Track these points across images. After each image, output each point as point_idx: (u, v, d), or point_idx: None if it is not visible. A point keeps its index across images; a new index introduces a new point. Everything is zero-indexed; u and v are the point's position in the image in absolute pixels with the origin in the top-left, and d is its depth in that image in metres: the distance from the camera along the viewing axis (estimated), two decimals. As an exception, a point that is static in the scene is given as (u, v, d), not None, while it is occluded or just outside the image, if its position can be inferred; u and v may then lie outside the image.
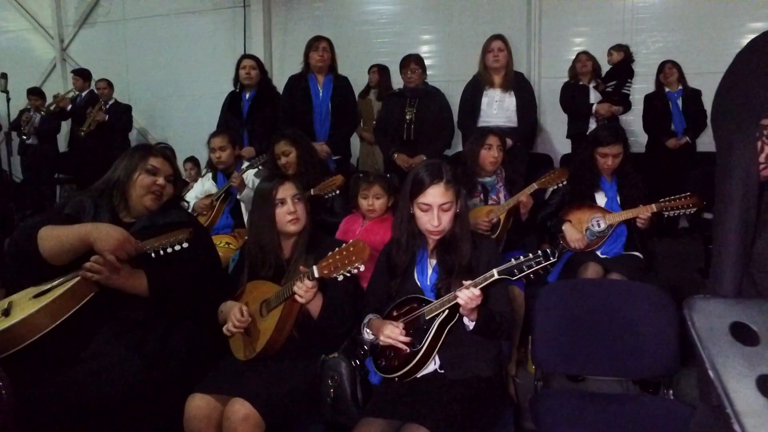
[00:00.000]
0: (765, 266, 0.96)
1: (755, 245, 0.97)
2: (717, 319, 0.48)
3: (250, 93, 3.59)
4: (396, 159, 3.33)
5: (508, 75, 3.23)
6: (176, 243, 1.65)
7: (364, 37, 5.83)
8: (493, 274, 1.46)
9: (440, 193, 1.59)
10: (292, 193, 1.79)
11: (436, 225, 1.60)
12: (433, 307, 1.56)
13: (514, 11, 5.32)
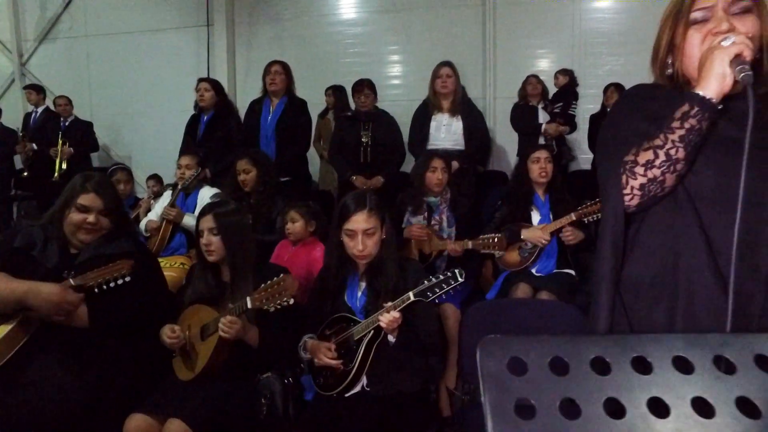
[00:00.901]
0: (634, 288, 1.07)
1: (624, 269, 1.09)
2: (499, 355, 0.59)
3: (207, 115, 3.68)
4: (354, 181, 3.45)
5: (455, 100, 3.39)
6: (119, 277, 1.68)
7: (329, 57, 5.94)
8: (409, 296, 1.59)
9: (364, 219, 1.72)
10: (208, 226, 1.86)
11: (360, 250, 1.72)
12: (360, 328, 1.67)
13: (470, 35, 5.54)
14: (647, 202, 1.00)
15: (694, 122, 0.93)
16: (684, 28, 1.02)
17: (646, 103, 1.06)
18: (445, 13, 5.61)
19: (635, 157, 0.99)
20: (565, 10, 5.35)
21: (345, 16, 5.99)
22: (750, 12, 0.99)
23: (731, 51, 0.91)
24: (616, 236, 1.05)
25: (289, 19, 6.07)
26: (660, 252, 1.02)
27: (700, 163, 0.96)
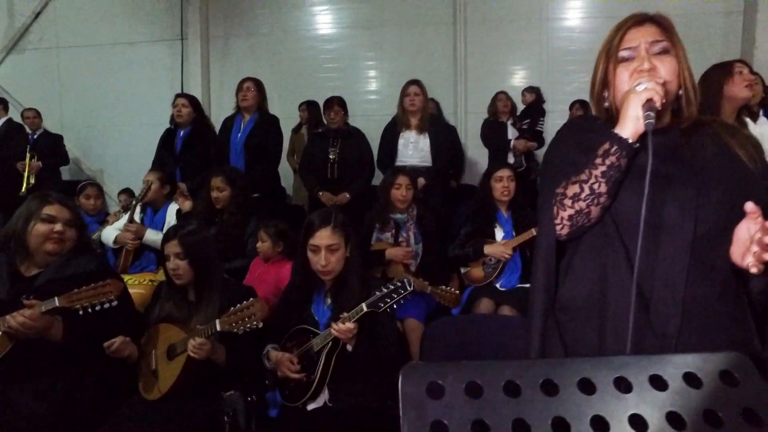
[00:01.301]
0: (567, 310, 1.14)
1: (558, 292, 1.16)
2: (419, 380, 0.65)
3: (184, 130, 3.70)
4: (321, 197, 3.49)
5: (423, 118, 3.48)
6: (106, 301, 1.65)
7: (304, 72, 6.00)
8: (362, 307, 1.65)
9: (327, 235, 1.78)
10: (175, 251, 1.89)
11: (323, 265, 1.78)
12: (319, 339, 1.73)
13: (442, 52, 5.67)
14: (576, 231, 1.08)
15: (614, 159, 1.02)
16: (614, 65, 1.12)
17: (582, 135, 1.14)
18: (417, 30, 5.74)
19: (564, 190, 1.07)
20: (533, 29, 5.53)
21: (320, 31, 6.06)
22: (668, 52, 1.08)
23: (643, 96, 1.00)
24: (549, 263, 1.13)
25: (265, 34, 6.12)
26: (591, 276, 1.09)
27: (627, 194, 1.04)
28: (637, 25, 1.11)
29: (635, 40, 1.09)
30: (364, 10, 5.87)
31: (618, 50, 1.11)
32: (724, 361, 0.74)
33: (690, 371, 0.72)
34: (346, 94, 5.45)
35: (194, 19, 6.05)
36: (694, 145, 1.08)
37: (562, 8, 5.59)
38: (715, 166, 1.04)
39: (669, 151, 1.06)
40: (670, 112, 1.12)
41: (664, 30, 1.10)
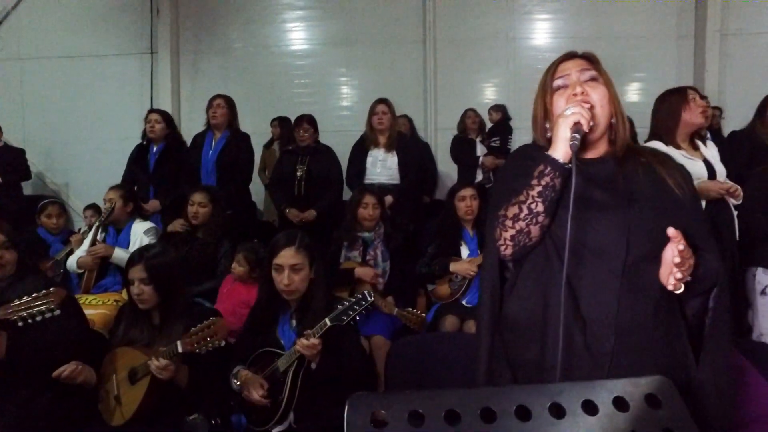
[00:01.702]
0: (512, 328, 1.19)
1: (503, 311, 1.21)
2: (364, 410, 0.68)
3: (157, 146, 3.67)
4: (288, 214, 3.50)
5: (391, 136, 3.54)
6: (47, 311, 1.60)
7: (276, 87, 6.00)
8: (325, 322, 1.68)
9: (291, 255, 1.81)
10: (140, 276, 1.87)
11: (286, 284, 1.80)
12: (284, 360, 1.75)
13: (412, 69, 5.78)
14: (519, 251, 1.14)
15: (548, 180, 1.09)
16: (551, 95, 1.21)
17: (526, 162, 1.21)
18: (388, 48, 5.83)
19: (505, 212, 1.13)
20: (501, 48, 5.70)
21: (292, 47, 6.10)
22: (596, 80, 1.18)
23: (570, 120, 1.08)
24: (494, 283, 1.19)
25: (236, 49, 6.12)
26: (533, 296, 1.15)
27: (565, 218, 1.11)
28: (567, 59, 1.21)
29: (567, 70, 1.19)
30: (336, 27, 5.95)
31: (552, 81, 1.20)
32: (650, 385, 0.80)
33: (619, 395, 0.78)
34: (318, 109, 5.52)
35: (164, 33, 6.00)
36: (628, 173, 1.16)
37: (528, 28, 5.78)
38: (647, 194, 1.12)
39: (605, 179, 1.14)
40: (606, 142, 1.20)
41: (591, 63, 1.20)
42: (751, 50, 5.45)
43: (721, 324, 1.12)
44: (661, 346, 1.11)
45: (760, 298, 2.42)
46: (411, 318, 2.54)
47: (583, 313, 1.10)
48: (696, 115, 2.43)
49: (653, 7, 5.59)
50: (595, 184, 1.14)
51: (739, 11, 5.44)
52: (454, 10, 5.69)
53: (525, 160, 1.22)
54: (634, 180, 1.15)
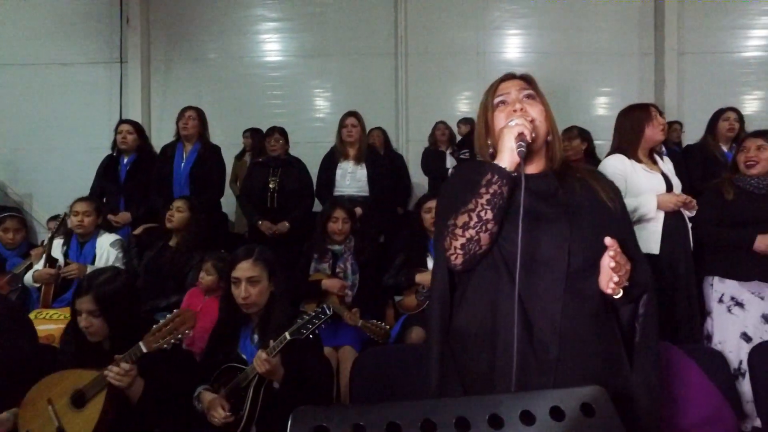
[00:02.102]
0: (461, 339, 1.23)
1: (453, 323, 1.24)
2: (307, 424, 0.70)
3: (128, 158, 3.62)
4: (260, 226, 3.50)
5: (360, 148, 3.57)
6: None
7: (249, 98, 5.98)
8: (285, 336, 1.68)
9: (248, 267, 1.82)
10: (88, 308, 1.72)
11: (244, 297, 1.80)
12: (245, 374, 1.74)
13: (384, 81, 5.85)
14: (469, 260, 1.18)
15: (496, 188, 1.14)
16: (492, 112, 1.27)
17: (470, 175, 1.26)
18: (360, 60, 5.90)
19: (455, 221, 1.17)
20: (471, 62, 5.82)
21: (266, 59, 6.10)
22: (534, 98, 1.26)
23: (514, 130, 1.15)
24: (443, 295, 1.23)
25: (210, 59, 6.08)
26: (482, 307, 1.19)
27: (510, 230, 1.16)
28: (507, 79, 1.30)
29: (507, 89, 1.27)
30: (310, 39, 5.99)
31: (493, 99, 1.28)
32: (585, 395, 0.84)
33: (556, 405, 0.82)
34: (290, 121, 5.55)
35: (135, 42, 5.94)
36: (566, 187, 1.23)
37: (498, 43, 5.92)
38: (584, 206, 1.20)
39: (545, 192, 1.20)
40: (544, 158, 1.27)
41: (528, 83, 1.29)
42: (706, 69, 5.72)
43: (650, 329, 1.20)
44: (600, 351, 1.17)
45: (717, 306, 2.51)
46: (375, 330, 2.56)
47: (530, 322, 1.14)
48: (657, 132, 2.55)
49: (617, 25, 5.81)
50: (537, 197, 1.19)
51: (693, 32, 5.70)
52: (425, 24, 5.80)
53: (469, 174, 1.27)
54: (572, 193, 1.22)
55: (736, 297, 2.46)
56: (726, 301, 2.48)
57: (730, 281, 2.48)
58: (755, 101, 5.72)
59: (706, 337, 2.55)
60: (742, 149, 2.56)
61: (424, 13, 5.80)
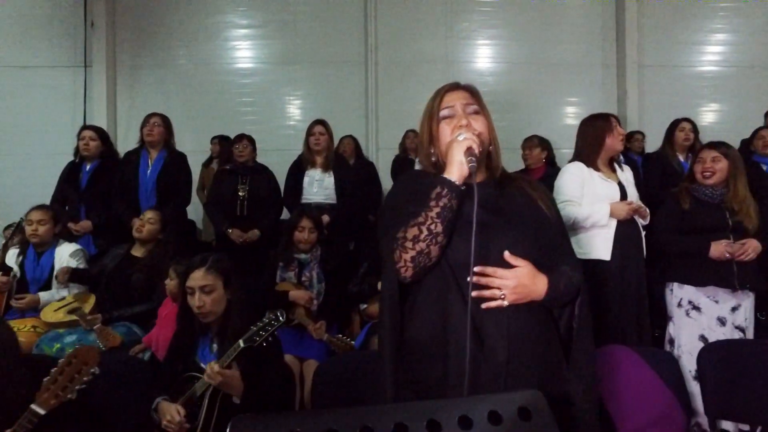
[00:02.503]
0: (414, 349, 1.24)
1: (406, 333, 1.25)
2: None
3: (90, 164, 3.54)
4: (230, 234, 3.46)
5: (328, 156, 3.58)
6: None
7: (219, 105, 5.92)
8: (239, 344, 1.67)
9: (201, 276, 1.81)
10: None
11: (198, 306, 1.79)
12: (201, 383, 1.72)
13: (354, 89, 5.88)
14: (419, 272, 1.20)
15: (445, 201, 1.16)
16: (437, 123, 1.30)
17: (415, 186, 1.28)
18: (331, 68, 5.92)
19: (404, 233, 1.18)
20: (440, 71, 5.88)
21: (236, 65, 6.05)
22: (479, 113, 1.29)
23: (464, 145, 1.18)
24: (394, 305, 1.24)
25: (179, 65, 6.00)
26: (433, 317, 1.21)
27: (457, 240, 1.18)
28: (452, 90, 1.32)
29: (452, 102, 1.29)
30: (280, 46, 5.98)
31: (439, 111, 1.30)
32: (522, 399, 0.86)
33: (493, 409, 0.84)
34: (261, 128, 5.52)
35: (100, 45, 5.81)
36: (507, 196, 1.27)
37: (467, 53, 6.02)
38: (524, 214, 1.24)
39: (488, 201, 1.23)
40: (485, 168, 1.30)
41: (473, 95, 1.32)
42: (665, 81, 5.93)
43: (585, 330, 1.25)
44: (544, 353, 1.21)
45: (677, 310, 2.59)
46: (340, 345, 2.57)
47: (480, 328, 1.17)
48: (617, 142, 2.63)
49: (581, 36, 5.98)
50: (480, 206, 1.22)
51: (653, 46, 5.92)
52: (395, 33, 5.86)
53: (415, 183, 1.30)
54: (512, 202, 1.26)
55: (694, 301, 2.55)
56: (685, 305, 2.56)
57: (688, 287, 2.56)
58: (710, 113, 5.97)
59: (669, 341, 2.63)
60: (698, 160, 2.63)
61: (394, 23, 5.87)
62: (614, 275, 2.50)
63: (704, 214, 2.55)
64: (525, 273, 1.17)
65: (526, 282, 1.16)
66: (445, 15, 5.92)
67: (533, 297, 1.19)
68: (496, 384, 1.15)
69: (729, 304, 2.51)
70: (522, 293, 1.17)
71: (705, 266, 2.49)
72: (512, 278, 1.16)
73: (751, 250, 2.42)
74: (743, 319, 2.52)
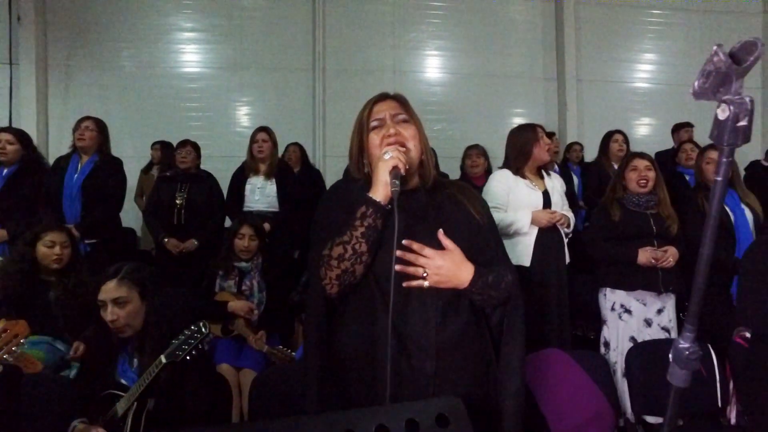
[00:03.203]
0: (342, 363, 1.23)
1: (333, 347, 1.24)
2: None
3: (8, 169, 3.30)
4: (166, 244, 3.33)
5: (271, 164, 3.52)
6: None
7: (162, 110, 5.71)
8: (161, 360, 1.58)
9: (112, 288, 1.71)
10: None
11: (111, 320, 1.69)
12: (122, 403, 1.62)
13: (302, 96, 5.85)
14: (344, 289, 1.19)
15: (371, 221, 1.16)
16: (366, 133, 1.30)
17: (345, 195, 1.28)
18: (278, 75, 5.86)
19: (330, 252, 1.17)
20: (388, 80, 5.94)
21: (182, 69, 5.86)
22: (408, 122, 1.29)
23: (389, 164, 1.17)
24: (320, 320, 1.22)
25: (120, 67, 5.73)
26: (361, 331, 1.20)
27: (382, 253, 1.18)
28: (381, 101, 1.32)
29: (381, 112, 1.29)
30: (227, 51, 5.86)
31: (369, 121, 1.30)
32: (440, 406, 0.87)
33: (411, 418, 0.84)
34: (207, 134, 5.38)
35: (28, 43, 5.44)
36: (437, 204, 1.28)
37: (414, 63, 6.10)
38: (453, 221, 1.25)
39: (417, 210, 1.24)
40: (417, 176, 1.31)
41: (402, 104, 1.32)
42: (601, 95, 6.25)
43: (515, 327, 1.26)
44: (473, 360, 1.22)
45: (611, 314, 2.70)
46: (279, 356, 2.51)
47: (408, 339, 1.17)
48: (544, 152, 2.74)
49: (524, 50, 6.21)
50: (409, 214, 1.23)
51: (590, 61, 6.23)
52: (343, 41, 5.88)
53: (345, 193, 1.30)
54: (443, 209, 1.27)
55: (625, 305, 2.67)
56: (617, 309, 2.68)
57: (620, 291, 2.68)
58: (642, 127, 6.33)
59: (605, 344, 2.74)
60: (633, 169, 2.73)
61: (343, 31, 5.88)
62: (534, 281, 2.59)
63: (632, 222, 2.67)
64: (451, 256, 1.15)
65: (450, 266, 1.15)
66: (393, 25, 5.99)
67: (456, 283, 1.17)
68: (423, 397, 1.14)
69: (655, 307, 2.66)
70: (445, 276, 1.15)
71: (634, 272, 2.62)
72: (437, 258, 1.14)
73: (671, 258, 2.57)
74: (668, 320, 2.67)
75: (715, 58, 0.57)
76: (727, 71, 0.57)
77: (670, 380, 0.74)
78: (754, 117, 0.57)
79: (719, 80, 0.58)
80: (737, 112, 0.58)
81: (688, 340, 0.73)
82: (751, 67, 0.56)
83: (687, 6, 6.37)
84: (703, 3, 6.34)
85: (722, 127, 0.60)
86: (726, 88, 0.58)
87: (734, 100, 0.58)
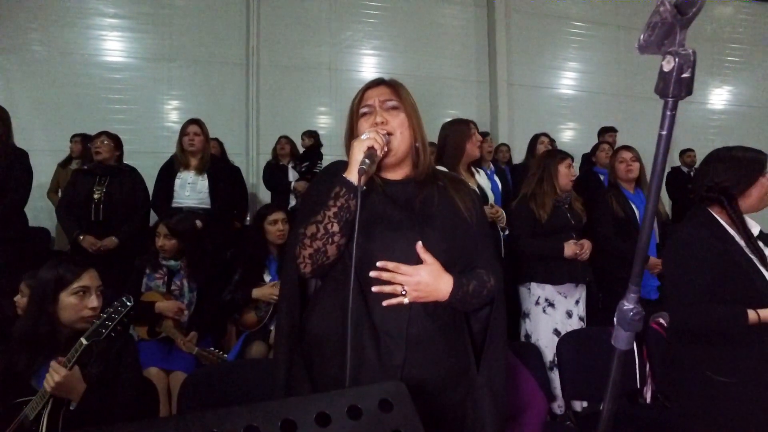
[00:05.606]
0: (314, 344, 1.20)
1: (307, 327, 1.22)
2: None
3: None
4: (82, 242, 3.09)
5: (203, 158, 3.36)
6: None
7: (84, 101, 5.31)
8: (81, 342, 1.46)
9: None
10: None
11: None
12: (33, 404, 1.49)
13: (234, 92, 5.66)
14: (318, 269, 1.17)
15: (343, 201, 1.13)
16: (357, 119, 1.27)
17: (330, 180, 1.23)
18: (210, 68, 5.64)
19: (304, 230, 1.15)
20: (323, 78, 5.90)
21: (103, 58, 5.47)
22: (398, 109, 1.26)
23: (365, 144, 1.14)
24: (292, 300, 1.20)
25: (31, 51, 5.26)
26: (334, 312, 1.17)
27: (359, 236, 1.14)
28: (373, 87, 1.30)
29: (371, 99, 1.26)
30: (154, 41, 5.55)
31: (359, 108, 1.27)
32: (383, 391, 0.85)
33: (353, 404, 0.81)
34: (133, 128, 5.08)
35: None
36: (425, 196, 1.25)
37: (350, 61, 6.09)
38: (438, 215, 1.22)
39: (403, 200, 1.22)
40: (410, 165, 1.29)
41: (394, 91, 1.28)
42: (530, 99, 6.55)
43: (497, 330, 1.26)
44: (447, 356, 1.20)
45: (534, 308, 2.78)
46: (210, 359, 2.41)
47: (377, 328, 1.15)
48: (475, 149, 2.76)
49: (458, 53, 6.37)
50: (394, 204, 1.21)
51: (520, 66, 6.51)
52: (278, 37, 5.76)
53: (330, 177, 1.25)
54: (430, 202, 1.24)
55: (550, 299, 2.76)
56: (542, 303, 2.76)
57: (548, 285, 2.76)
58: (568, 131, 6.70)
59: (525, 336, 2.83)
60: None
61: (277, 26, 5.76)
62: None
63: (557, 217, 2.76)
64: (429, 271, 1.13)
65: (428, 280, 1.13)
66: (329, 22, 5.94)
67: (436, 297, 1.15)
68: None
69: (573, 298, 2.80)
70: (424, 291, 1.13)
71: (560, 266, 2.72)
72: (414, 275, 1.12)
73: (587, 250, 2.72)
74: (582, 309, 2.82)
75: (661, 8, 0.58)
76: (673, 21, 0.58)
77: (614, 344, 0.76)
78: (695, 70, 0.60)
79: (664, 31, 0.60)
80: (682, 63, 0.60)
81: (632, 302, 0.74)
82: (693, 18, 0.58)
83: (608, 21, 6.82)
84: (624, 18, 6.81)
85: (667, 79, 0.61)
86: (671, 39, 0.60)
87: (679, 52, 0.60)
